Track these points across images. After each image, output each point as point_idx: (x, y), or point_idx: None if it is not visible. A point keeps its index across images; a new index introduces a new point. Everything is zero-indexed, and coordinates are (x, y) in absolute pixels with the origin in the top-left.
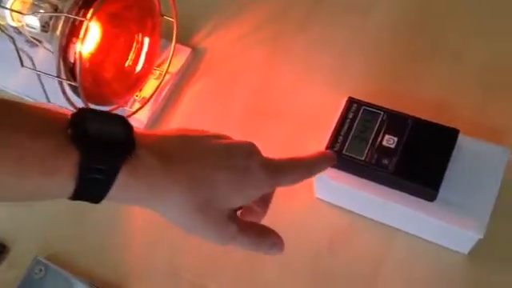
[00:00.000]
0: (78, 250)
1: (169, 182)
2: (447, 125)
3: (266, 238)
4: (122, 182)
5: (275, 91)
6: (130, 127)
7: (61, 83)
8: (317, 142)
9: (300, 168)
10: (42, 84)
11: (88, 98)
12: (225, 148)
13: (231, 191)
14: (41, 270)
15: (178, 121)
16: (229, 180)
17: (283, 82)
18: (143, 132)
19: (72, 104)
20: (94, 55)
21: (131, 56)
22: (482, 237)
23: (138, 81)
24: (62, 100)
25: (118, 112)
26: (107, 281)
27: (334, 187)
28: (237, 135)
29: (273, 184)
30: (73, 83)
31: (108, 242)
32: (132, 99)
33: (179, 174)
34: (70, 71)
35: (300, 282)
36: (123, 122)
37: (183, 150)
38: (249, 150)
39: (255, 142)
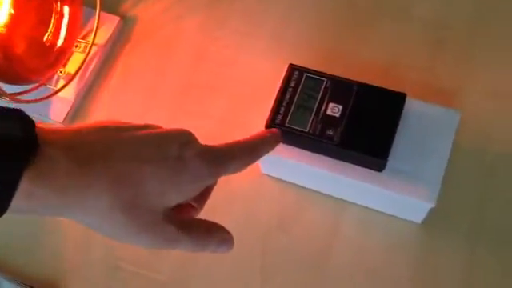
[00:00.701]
0: (5, 248)
1: (85, 183)
2: (395, 88)
3: (213, 235)
4: (26, 191)
5: (211, 62)
6: (30, 122)
7: None
8: (258, 116)
9: (242, 154)
10: None
11: (1, 77)
12: (153, 138)
13: (163, 187)
14: None
15: (109, 98)
16: (159, 175)
17: (220, 53)
18: (49, 127)
19: None
20: (1, 28)
21: (50, 28)
22: (433, 206)
23: (60, 55)
24: None
25: (41, 91)
26: (42, 280)
27: (279, 162)
28: (172, 112)
29: (213, 174)
30: None
31: (38, 239)
32: (56, 76)
33: (97, 172)
34: None
35: (251, 263)
36: (20, 117)
37: (101, 144)
38: (182, 139)
39: (192, 120)
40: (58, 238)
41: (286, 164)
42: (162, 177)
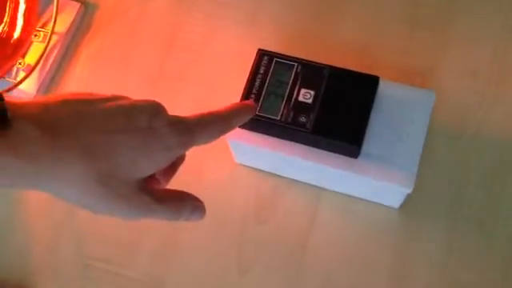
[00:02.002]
0: None
1: (56, 155)
2: (370, 71)
3: (186, 203)
4: (0, 163)
5: (180, 48)
6: None
7: None
8: (228, 102)
9: (214, 124)
10: None
11: None
12: (123, 109)
13: (135, 157)
14: None
15: (73, 89)
16: (131, 145)
17: (189, 37)
18: (19, 101)
19: None
20: None
21: (6, 18)
22: (410, 191)
23: (18, 47)
24: None
25: (0, 84)
26: (10, 280)
27: (252, 151)
28: None
29: (184, 144)
30: None
31: (3, 237)
32: (15, 68)
33: (69, 144)
34: None
35: (228, 255)
36: None
37: (72, 116)
38: (152, 110)
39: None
40: (25, 237)
41: (260, 153)
42: (133, 146)
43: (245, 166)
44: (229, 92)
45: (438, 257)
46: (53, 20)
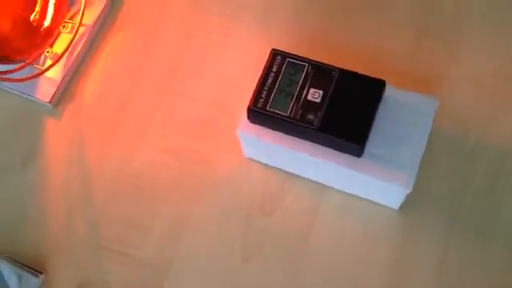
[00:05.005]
0: None
1: None
2: (377, 75)
3: None
4: None
5: (198, 46)
6: None
7: None
8: (241, 99)
9: None
10: None
11: None
12: None
13: None
14: None
15: (96, 79)
16: None
17: (207, 36)
18: None
19: None
20: None
21: (37, 8)
22: (409, 191)
23: (47, 36)
24: None
25: (28, 70)
26: (28, 257)
27: (261, 146)
28: (156, 96)
29: None
30: None
31: (22, 218)
32: (43, 56)
33: None
34: None
35: (233, 243)
36: None
37: None
38: None
39: (177, 100)
40: (42, 216)
41: (268, 148)
42: None
43: (253, 161)
44: (242, 88)
45: (434, 258)
46: (81, 12)
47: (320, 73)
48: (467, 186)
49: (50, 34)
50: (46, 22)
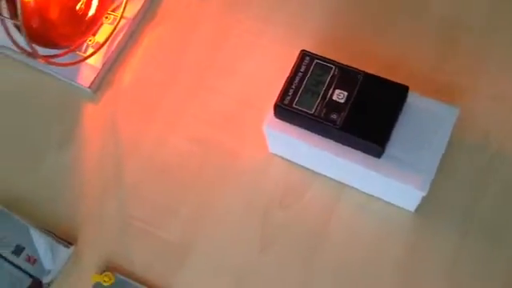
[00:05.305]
0: (32, 199)
1: None
2: (401, 81)
3: None
4: None
5: (231, 44)
6: None
7: (3, 21)
8: (268, 96)
9: None
10: None
11: (34, 39)
12: None
13: None
14: None
15: (133, 68)
16: None
17: (241, 34)
18: None
19: (17, 45)
20: None
21: None
22: (425, 194)
23: (90, 25)
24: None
25: (71, 56)
26: (61, 229)
27: (284, 141)
28: (189, 88)
29: None
30: (14, 21)
31: (60, 193)
32: (85, 44)
33: None
34: (16, 10)
35: (253, 232)
36: None
37: None
38: None
39: (208, 95)
40: (77, 191)
41: (292, 144)
42: None
43: (277, 156)
44: (270, 86)
45: (446, 261)
46: (123, 6)
47: (346, 75)
48: (483, 195)
49: (94, 24)
50: (91, 12)
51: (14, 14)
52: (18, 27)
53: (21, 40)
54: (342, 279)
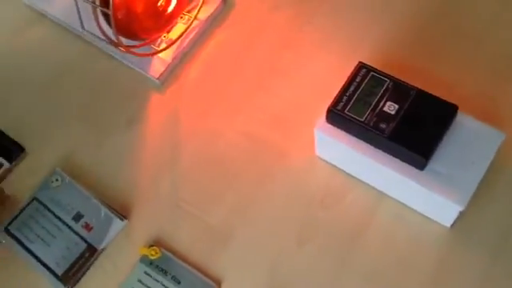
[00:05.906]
0: (93, 171)
1: None
2: (452, 101)
3: None
4: None
5: (292, 52)
6: None
7: (94, 10)
8: (321, 102)
9: None
10: (78, 10)
11: (119, 29)
12: None
13: None
14: (57, 180)
15: (199, 66)
16: None
17: (303, 45)
18: None
19: (103, 32)
20: None
21: None
22: (462, 209)
23: (167, 22)
24: (96, 29)
25: (145, 49)
26: (118, 203)
27: (332, 145)
28: (248, 88)
29: None
30: (105, 10)
31: (120, 170)
32: (159, 39)
33: None
34: (105, 1)
35: (292, 228)
36: None
37: None
38: None
39: (266, 97)
40: (135, 169)
41: (339, 148)
42: None
43: (323, 160)
44: (324, 93)
45: (475, 280)
46: (198, 8)
47: (399, 89)
48: None
49: (170, 21)
50: (169, 9)
51: (104, 4)
52: (107, 16)
53: (107, 29)
54: (371, 284)
